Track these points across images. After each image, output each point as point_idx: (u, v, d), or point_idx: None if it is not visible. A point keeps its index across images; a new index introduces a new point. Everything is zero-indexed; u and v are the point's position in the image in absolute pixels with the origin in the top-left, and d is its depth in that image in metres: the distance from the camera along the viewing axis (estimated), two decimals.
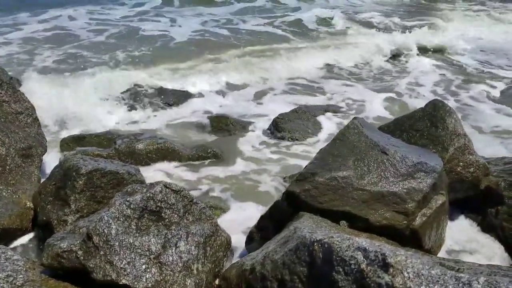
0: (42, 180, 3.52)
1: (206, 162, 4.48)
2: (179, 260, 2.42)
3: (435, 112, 3.43)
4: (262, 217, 3.06)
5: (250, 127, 5.41)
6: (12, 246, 3.05)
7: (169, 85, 6.66)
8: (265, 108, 6.12)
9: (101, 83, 6.32)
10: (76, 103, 5.67)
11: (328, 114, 5.86)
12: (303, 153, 4.75)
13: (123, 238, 2.34)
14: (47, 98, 5.52)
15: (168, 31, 10.35)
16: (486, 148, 4.45)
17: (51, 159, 4.15)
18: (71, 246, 2.32)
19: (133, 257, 2.31)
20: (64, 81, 6.52)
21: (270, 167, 4.42)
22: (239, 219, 3.55)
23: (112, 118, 5.52)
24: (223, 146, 4.85)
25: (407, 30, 10.74)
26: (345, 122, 3.59)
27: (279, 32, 10.73)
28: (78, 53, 8.42)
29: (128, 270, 2.27)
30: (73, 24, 10.70)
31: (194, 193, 3.73)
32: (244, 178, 4.23)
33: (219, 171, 4.35)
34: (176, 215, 2.57)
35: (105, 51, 8.62)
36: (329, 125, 5.47)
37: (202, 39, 9.93)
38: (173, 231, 2.50)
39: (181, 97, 6.30)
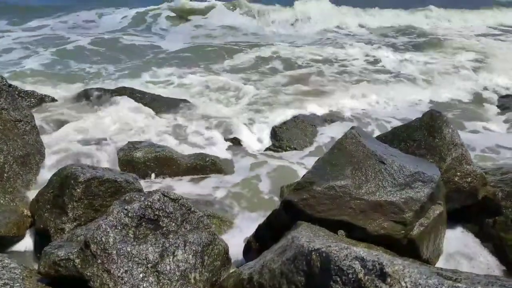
0: (40, 188, 3.51)
1: (204, 170, 4.48)
2: (176, 269, 2.42)
3: (432, 122, 3.45)
4: (260, 226, 3.06)
5: (249, 136, 5.42)
6: (9, 254, 3.03)
7: (165, 93, 6.70)
8: (263, 117, 6.13)
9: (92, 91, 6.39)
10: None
11: (326, 123, 5.88)
12: (301, 162, 4.75)
13: (121, 247, 2.33)
14: None
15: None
16: None
17: (49, 167, 4.15)
18: (69, 254, 2.32)
19: (131, 265, 2.31)
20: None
21: (268, 176, 4.42)
22: (237, 228, 3.55)
23: (110, 127, 5.52)
24: (221, 153, 4.86)
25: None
26: (343, 131, 3.61)
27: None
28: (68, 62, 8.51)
29: (126, 279, 2.26)
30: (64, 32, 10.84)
31: (192, 201, 3.73)
32: (241, 187, 4.23)
33: (217, 179, 4.35)
34: (174, 224, 2.57)
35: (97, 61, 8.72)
36: (327, 134, 5.49)
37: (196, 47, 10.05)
38: (170, 240, 2.50)
39: (178, 104, 6.31)
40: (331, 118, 6.11)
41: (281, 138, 5.17)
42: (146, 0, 14.76)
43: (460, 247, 3.18)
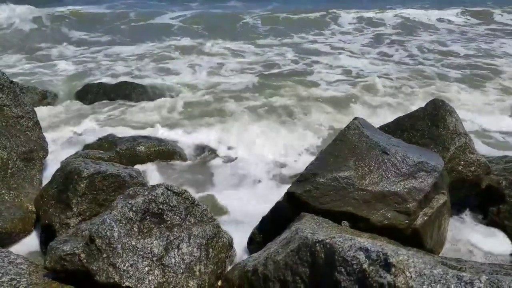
0: (44, 184, 3.53)
1: (207, 162, 4.49)
2: (181, 262, 2.43)
3: (435, 111, 3.43)
4: (263, 218, 3.07)
5: (251, 128, 5.41)
6: (14, 249, 3.06)
7: (165, 87, 6.71)
8: (268, 107, 6.11)
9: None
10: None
11: (329, 113, 5.86)
12: (304, 153, 4.75)
13: (126, 241, 2.35)
14: None
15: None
16: None
17: (53, 163, 4.16)
18: (74, 249, 2.33)
19: (136, 259, 2.32)
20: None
21: (272, 167, 4.42)
22: (241, 220, 3.55)
23: (113, 121, 5.53)
24: (224, 147, 4.86)
25: None
26: (346, 122, 3.59)
27: None
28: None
29: (131, 273, 2.28)
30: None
31: (195, 194, 3.74)
32: (245, 178, 4.24)
33: (220, 171, 4.36)
34: (178, 217, 2.57)
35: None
36: (330, 126, 5.47)
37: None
38: (175, 233, 2.51)
39: (178, 98, 6.31)
40: (334, 108, 6.07)
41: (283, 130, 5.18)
42: None
43: (464, 236, 3.18)
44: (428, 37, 10.73)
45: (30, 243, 3.22)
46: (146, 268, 2.32)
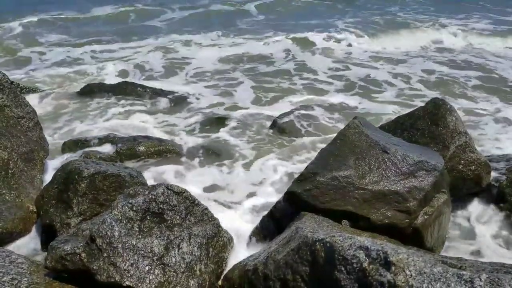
0: (45, 184, 3.53)
1: (208, 162, 4.50)
2: (182, 261, 2.44)
3: (435, 110, 3.43)
4: (264, 217, 3.07)
5: (251, 128, 5.42)
6: (15, 249, 3.06)
7: (165, 87, 6.72)
8: (265, 108, 6.13)
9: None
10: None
11: (329, 113, 5.86)
12: (303, 153, 4.75)
13: (126, 240, 2.35)
14: None
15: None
16: None
17: (53, 163, 4.16)
18: (75, 248, 2.33)
19: (136, 258, 2.32)
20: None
21: (271, 167, 4.42)
22: (242, 220, 3.56)
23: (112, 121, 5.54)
24: (224, 147, 4.87)
25: None
26: (346, 121, 3.61)
27: None
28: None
29: (132, 272, 2.28)
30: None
31: (195, 193, 3.74)
32: (245, 178, 4.24)
33: (220, 171, 4.36)
34: (178, 217, 2.58)
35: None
36: (330, 125, 5.47)
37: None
38: (175, 233, 2.51)
39: (178, 98, 6.32)
40: (334, 107, 6.08)
41: (283, 129, 5.18)
42: None
43: (464, 235, 3.18)
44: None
45: (31, 243, 3.22)
46: (147, 268, 2.33)
